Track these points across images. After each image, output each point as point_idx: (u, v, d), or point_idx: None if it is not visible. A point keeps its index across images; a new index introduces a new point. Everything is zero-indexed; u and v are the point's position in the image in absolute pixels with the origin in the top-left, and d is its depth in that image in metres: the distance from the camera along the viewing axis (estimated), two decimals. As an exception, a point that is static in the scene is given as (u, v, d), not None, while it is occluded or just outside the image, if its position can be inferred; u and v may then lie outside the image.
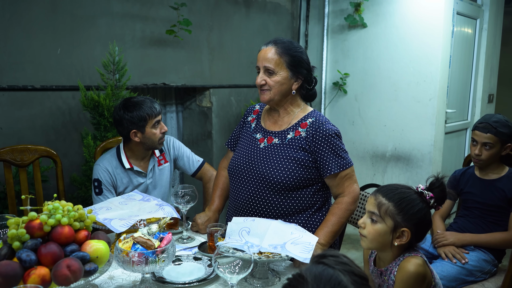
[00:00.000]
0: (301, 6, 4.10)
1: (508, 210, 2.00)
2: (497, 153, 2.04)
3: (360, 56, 3.88)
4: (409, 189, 1.34)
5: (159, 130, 2.04)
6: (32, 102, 2.44)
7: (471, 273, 1.95)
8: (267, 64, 1.70)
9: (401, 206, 1.29)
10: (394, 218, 1.29)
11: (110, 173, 2.04)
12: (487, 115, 2.10)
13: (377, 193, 1.35)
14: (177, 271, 1.47)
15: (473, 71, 4.18)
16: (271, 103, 1.76)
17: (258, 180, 1.69)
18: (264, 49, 1.73)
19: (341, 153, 1.68)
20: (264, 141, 1.77)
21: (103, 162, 2.06)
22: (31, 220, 1.18)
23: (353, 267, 0.81)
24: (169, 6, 2.90)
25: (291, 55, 1.70)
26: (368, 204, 1.36)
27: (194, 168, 2.26)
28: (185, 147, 2.29)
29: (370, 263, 1.48)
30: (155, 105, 2.04)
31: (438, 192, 1.33)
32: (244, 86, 3.70)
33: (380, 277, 1.41)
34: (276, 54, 1.69)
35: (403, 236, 1.30)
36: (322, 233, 1.60)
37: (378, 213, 1.31)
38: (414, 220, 1.29)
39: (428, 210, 1.33)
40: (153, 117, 2.02)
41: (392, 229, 1.30)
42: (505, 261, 2.17)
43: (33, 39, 2.40)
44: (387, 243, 1.32)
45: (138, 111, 2.00)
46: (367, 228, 1.33)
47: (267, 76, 1.71)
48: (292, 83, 1.73)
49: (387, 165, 3.85)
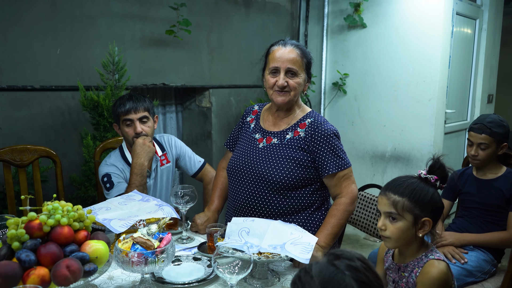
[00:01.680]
0: (300, 6, 4.10)
1: (506, 210, 2.00)
2: (493, 153, 2.04)
3: (360, 57, 3.88)
4: (414, 178, 1.36)
5: (132, 130, 2.00)
6: (31, 102, 2.44)
7: (471, 274, 1.95)
8: (292, 65, 1.68)
9: (415, 198, 1.30)
10: (412, 212, 1.30)
11: (119, 168, 2.03)
12: (482, 116, 2.11)
13: (387, 192, 1.35)
14: (176, 272, 1.47)
15: (473, 71, 4.19)
16: (287, 105, 1.75)
17: (257, 180, 1.70)
18: (283, 49, 1.69)
19: (339, 153, 1.68)
20: (263, 141, 1.77)
21: (109, 160, 2.05)
22: (31, 220, 1.18)
23: (365, 274, 0.79)
24: (168, 6, 2.90)
25: (308, 58, 1.75)
26: (381, 205, 1.36)
27: (196, 168, 2.25)
28: (186, 146, 2.28)
29: (386, 260, 1.48)
30: (131, 104, 1.98)
31: (439, 173, 1.35)
32: (243, 86, 3.70)
33: (397, 272, 1.41)
34: (299, 56, 1.70)
35: (425, 226, 1.32)
36: (322, 235, 1.61)
37: (396, 211, 1.31)
38: (430, 207, 1.31)
39: (437, 192, 1.35)
40: (122, 115, 1.99)
41: (413, 222, 1.31)
42: (505, 261, 2.17)
43: (32, 39, 2.40)
44: (411, 237, 1.33)
45: (114, 105, 2.02)
46: (388, 229, 1.33)
47: (289, 77, 1.69)
48: (305, 84, 1.76)
49: (386, 165, 3.85)
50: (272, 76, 1.71)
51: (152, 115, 2.08)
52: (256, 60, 3.74)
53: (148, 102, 2.06)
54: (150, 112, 2.06)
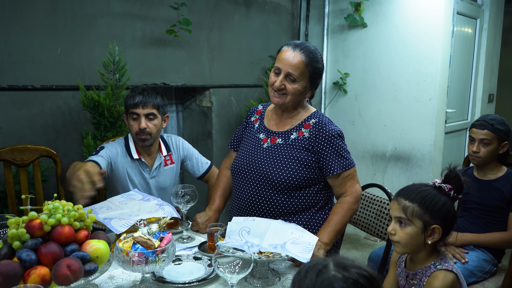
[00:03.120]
0: (301, 6, 4.09)
1: (507, 211, 2.00)
2: (494, 150, 2.05)
3: (360, 56, 3.88)
4: (427, 186, 1.36)
5: (137, 124, 2.00)
6: (32, 102, 2.44)
7: (472, 274, 1.95)
8: (292, 71, 1.65)
9: (425, 204, 1.30)
10: (422, 218, 1.31)
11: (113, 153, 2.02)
12: (484, 115, 2.15)
13: (398, 197, 1.36)
14: (177, 271, 1.47)
15: (473, 71, 4.18)
16: (282, 107, 1.75)
17: (261, 179, 1.70)
18: (290, 52, 1.66)
19: (343, 153, 1.68)
20: (268, 141, 1.77)
21: (114, 143, 2.07)
22: (31, 219, 1.18)
23: None
24: (169, 6, 2.90)
25: (315, 67, 1.69)
26: (392, 210, 1.36)
27: (203, 170, 2.25)
28: (194, 148, 2.27)
29: (399, 264, 1.49)
30: (140, 98, 1.98)
31: (455, 183, 1.34)
32: (244, 86, 3.70)
33: (405, 279, 1.42)
34: (303, 64, 1.65)
35: (435, 233, 1.32)
36: (325, 232, 1.61)
37: (406, 216, 1.32)
38: (441, 215, 1.31)
39: (452, 203, 1.34)
40: (131, 107, 2.00)
41: (423, 229, 1.31)
42: (505, 261, 2.17)
43: (33, 39, 2.40)
44: (420, 243, 1.33)
45: (126, 96, 2.03)
46: (398, 234, 1.34)
47: (287, 81, 1.67)
48: (307, 92, 1.73)
49: (387, 165, 3.85)
50: (274, 75, 1.70)
51: (161, 114, 2.07)
52: (256, 60, 3.74)
53: (159, 99, 2.04)
54: (159, 110, 2.04)
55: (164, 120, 2.11)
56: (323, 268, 0.79)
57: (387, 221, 2.02)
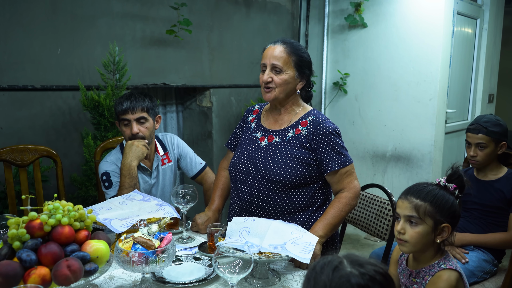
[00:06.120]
0: (301, 6, 4.10)
1: (507, 211, 2.00)
2: (492, 153, 2.04)
3: (360, 56, 3.88)
4: (434, 185, 1.37)
5: (129, 130, 1.98)
6: (32, 102, 2.44)
7: (472, 274, 1.94)
8: (276, 61, 1.69)
9: (437, 203, 1.31)
10: (433, 217, 1.31)
11: (119, 167, 2.00)
12: (478, 117, 2.12)
13: (409, 196, 1.35)
14: (177, 271, 1.47)
15: (473, 71, 4.18)
16: (275, 102, 1.76)
17: (260, 178, 1.70)
18: (272, 47, 1.72)
19: (341, 150, 1.69)
20: (265, 139, 1.77)
21: (109, 158, 2.04)
22: (32, 220, 1.18)
23: None
24: (169, 6, 2.90)
25: (299, 55, 1.72)
26: (402, 208, 1.36)
27: (196, 170, 2.23)
28: (188, 147, 2.26)
29: (400, 263, 1.49)
30: (128, 103, 1.95)
31: (458, 182, 1.36)
32: (244, 86, 3.70)
33: (408, 278, 1.42)
34: (285, 53, 1.69)
35: (444, 232, 1.33)
36: (321, 224, 1.61)
37: (418, 215, 1.32)
38: (450, 214, 1.32)
39: (456, 201, 1.36)
40: (120, 114, 1.98)
41: (433, 227, 1.32)
42: (505, 261, 2.17)
43: (33, 39, 2.40)
44: (430, 242, 1.34)
45: (115, 103, 2.01)
46: (408, 233, 1.33)
47: (274, 74, 1.70)
48: (297, 82, 1.75)
49: (387, 165, 3.85)
50: (262, 73, 1.74)
51: (152, 115, 2.04)
52: (256, 60, 3.74)
53: (148, 102, 2.01)
54: (149, 113, 2.02)
55: (156, 121, 2.09)
56: (338, 264, 0.80)
57: (387, 221, 2.02)
